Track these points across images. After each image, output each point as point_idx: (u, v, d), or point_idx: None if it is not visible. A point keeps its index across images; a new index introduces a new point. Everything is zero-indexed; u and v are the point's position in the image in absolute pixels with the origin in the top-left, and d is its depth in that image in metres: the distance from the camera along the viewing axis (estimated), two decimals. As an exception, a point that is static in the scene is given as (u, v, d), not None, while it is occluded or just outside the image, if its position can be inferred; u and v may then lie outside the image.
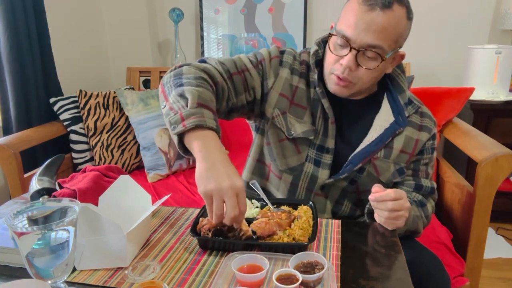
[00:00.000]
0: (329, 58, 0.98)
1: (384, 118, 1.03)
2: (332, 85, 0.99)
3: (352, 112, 1.05)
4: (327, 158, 1.04)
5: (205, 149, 0.78)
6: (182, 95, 0.85)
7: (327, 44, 0.99)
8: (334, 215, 1.10)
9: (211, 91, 0.90)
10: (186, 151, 0.84)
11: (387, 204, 0.88)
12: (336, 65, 0.96)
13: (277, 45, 1.08)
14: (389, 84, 1.06)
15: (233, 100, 1.00)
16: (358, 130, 1.04)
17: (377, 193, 0.89)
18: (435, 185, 1.11)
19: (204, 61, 0.99)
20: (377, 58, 0.92)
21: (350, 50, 0.92)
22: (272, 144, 1.07)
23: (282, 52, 1.06)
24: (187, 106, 0.82)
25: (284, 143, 1.05)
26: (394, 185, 1.09)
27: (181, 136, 0.82)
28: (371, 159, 1.03)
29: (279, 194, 1.12)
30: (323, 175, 1.05)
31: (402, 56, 1.00)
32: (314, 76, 1.03)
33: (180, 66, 0.95)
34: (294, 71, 1.05)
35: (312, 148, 1.05)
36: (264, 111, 1.06)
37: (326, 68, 1.00)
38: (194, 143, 0.79)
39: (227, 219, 0.77)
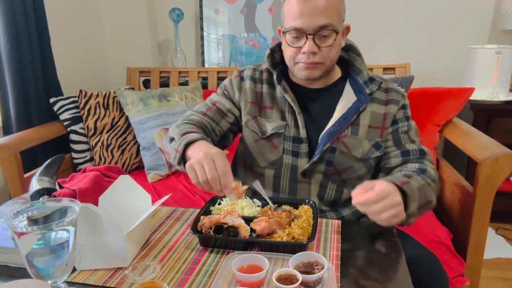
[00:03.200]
0: (289, 52, 1.06)
1: (346, 99, 1.10)
2: (302, 71, 1.06)
3: (318, 101, 1.13)
4: (303, 148, 1.10)
5: (195, 150, 0.95)
6: (171, 140, 1.06)
7: (283, 42, 1.07)
8: (321, 200, 1.13)
9: (194, 126, 1.09)
10: None
11: (373, 208, 0.85)
12: (299, 55, 1.04)
13: (238, 69, 1.23)
14: (350, 71, 1.15)
15: (217, 128, 1.17)
16: (325, 116, 1.11)
17: (358, 198, 0.87)
18: (424, 147, 1.11)
19: (183, 119, 1.16)
20: (331, 34, 1.02)
21: (307, 38, 1.01)
22: (250, 145, 1.17)
23: (242, 71, 1.21)
24: (176, 142, 1.00)
25: (259, 142, 1.15)
26: (379, 163, 1.13)
27: (186, 162, 0.94)
28: (339, 137, 1.08)
29: (266, 190, 1.14)
30: (302, 163, 1.11)
31: (348, 28, 1.10)
32: (274, 77, 1.14)
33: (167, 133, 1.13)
34: (256, 80, 1.18)
35: (287, 141, 1.12)
36: (240, 121, 1.19)
37: (289, 62, 1.08)
38: (189, 154, 0.96)
39: (211, 182, 0.87)
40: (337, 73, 1.16)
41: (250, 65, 1.22)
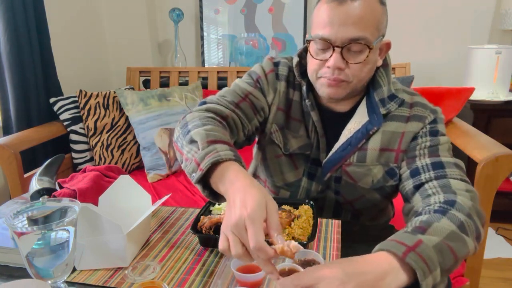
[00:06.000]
0: (313, 65, 0.91)
1: (356, 120, 0.95)
2: (324, 88, 0.90)
3: (339, 126, 0.98)
4: (319, 172, 1.01)
5: (225, 186, 0.69)
6: (192, 141, 0.78)
7: (308, 53, 0.92)
8: None
9: (221, 126, 0.85)
10: (216, 196, 0.75)
11: None
12: (323, 69, 0.88)
13: (269, 57, 1.04)
14: (369, 85, 0.97)
15: (248, 127, 0.96)
16: (336, 140, 0.98)
17: None
18: (447, 159, 0.87)
19: (204, 102, 0.94)
20: (364, 50, 0.85)
21: (334, 50, 0.85)
22: (269, 160, 1.05)
23: (276, 64, 1.02)
24: (199, 149, 0.75)
25: (281, 159, 1.03)
26: (396, 189, 0.98)
27: (205, 182, 0.74)
28: (342, 166, 0.96)
29: None
30: (315, 188, 1.03)
31: (388, 45, 0.93)
32: (303, 88, 0.98)
33: (184, 117, 0.90)
34: (290, 83, 1.01)
35: (309, 163, 1.02)
36: (264, 127, 1.03)
37: (312, 75, 0.93)
38: (219, 185, 0.70)
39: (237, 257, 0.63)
40: (362, 90, 0.97)
41: (284, 59, 1.02)
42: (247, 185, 0.66)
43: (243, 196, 0.64)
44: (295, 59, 0.99)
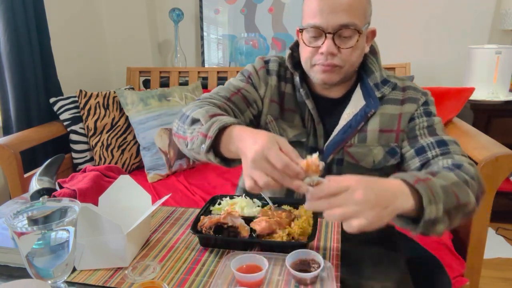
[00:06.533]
0: (306, 53, 0.97)
1: (353, 104, 1.01)
2: (319, 74, 0.96)
3: (335, 111, 1.03)
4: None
5: (235, 143, 0.76)
6: (193, 121, 0.87)
7: (300, 42, 0.98)
8: None
9: (217, 108, 0.92)
10: (228, 161, 0.83)
11: (320, 204, 0.68)
12: (317, 56, 0.94)
13: (260, 56, 1.11)
14: (361, 72, 1.03)
15: (241, 118, 1.01)
16: (335, 125, 1.02)
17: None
18: (449, 137, 0.94)
19: (198, 99, 1.01)
20: (353, 35, 0.92)
21: (326, 37, 0.91)
22: None
23: (267, 62, 1.08)
24: (203, 124, 0.83)
25: None
26: (399, 168, 1.02)
27: (215, 151, 0.81)
28: (344, 147, 1.00)
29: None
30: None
31: (373, 32, 1.00)
32: (296, 79, 1.03)
33: (180, 112, 0.97)
34: (281, 77, 1.07)
35: (306, 151, 1.03)
36: (259, 120, 1.07)
37: (305, 63, 0.98)
38: (229, 146, 0.78)
39: (282, 183, 0.69)
40: (353, 75, 1.04)
41: (275, 57, 1.10)
42: (254, 132, 0.74)
43: (253, 140, 0.71)
44: (287, 52, 1.06)
